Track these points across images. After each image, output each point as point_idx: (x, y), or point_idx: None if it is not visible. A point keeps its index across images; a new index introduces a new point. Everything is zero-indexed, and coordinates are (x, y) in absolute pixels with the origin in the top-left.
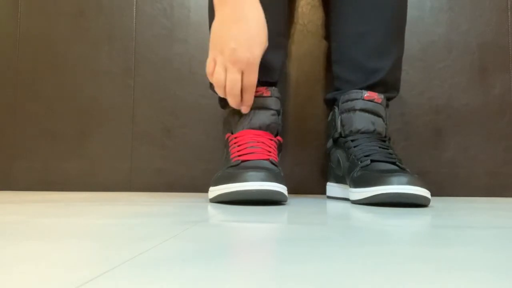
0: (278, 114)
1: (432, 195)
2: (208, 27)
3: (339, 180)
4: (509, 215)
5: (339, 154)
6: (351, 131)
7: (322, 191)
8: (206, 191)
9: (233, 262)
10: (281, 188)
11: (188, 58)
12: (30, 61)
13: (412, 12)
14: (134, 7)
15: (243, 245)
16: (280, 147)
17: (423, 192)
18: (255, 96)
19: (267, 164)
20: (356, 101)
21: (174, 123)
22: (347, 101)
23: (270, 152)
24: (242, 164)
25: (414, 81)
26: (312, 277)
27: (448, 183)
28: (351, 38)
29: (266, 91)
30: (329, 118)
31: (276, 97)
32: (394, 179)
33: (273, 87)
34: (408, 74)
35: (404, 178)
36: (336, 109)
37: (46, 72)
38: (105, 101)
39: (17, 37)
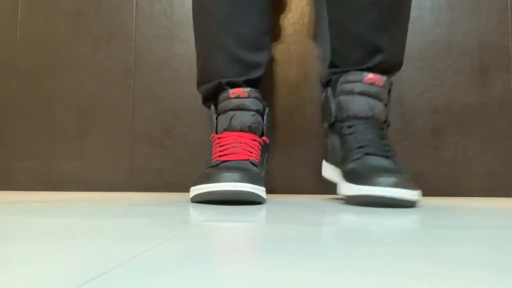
0: (261, 115)
1: (432, 195)
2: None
3: (335, 163)
4: (509, 215)
5: (334, 139)
6: (348, 116)
7: (322, 191)
8: None
9: (233, 262)
10: (255, 189)
11: (188, 58)
12: (30, 61)
13: (412, 12)
14: (134, 7)
15: (243, 245)
16: (265, 148)
17: (409, 195)
18: (232, 98)
19: (246, 164)
20: (356, 83)
21: (174, 123)
22: (346, 82)
23: (251, 152)
24: (222, 164)
25: (414, 81)
26: (310, 277)
27: (448, 183)
28: (352, 10)
29: (243, 92)
30: (322, 99)
31: (254, 98)
32: (382, 180)
33: (251, 88)
34: (408, 74)
35: (392, 180)
36: (329, 91)
37: (46, 72)
38: (105, 101)
39: (17, 37)
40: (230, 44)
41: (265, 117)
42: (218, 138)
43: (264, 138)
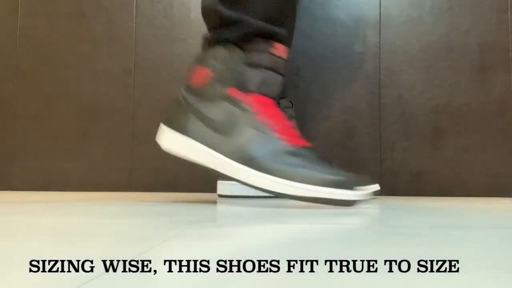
0: None
1: (432, 195)
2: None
3: None
4: (509, 215)
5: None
6: None
7: None
8: (206, 190)
9: (232, 262)
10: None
11: (188, 58)
12: (30, 61)
13: (412, 12)
14: (134, 7)
15: (242, 245)
16: None
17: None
18: (274, 54)
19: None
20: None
21: None
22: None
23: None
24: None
25: (414, 81)
26: (308, 277)
27: (448, 183)
28: None
29: (285, 52)
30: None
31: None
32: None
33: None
34: (408, 74)
35: None
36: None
37: (46, 72)
38: (105, 101)
39: (17, 37)
40: None
41: None
42: (259, 104)
43: None
